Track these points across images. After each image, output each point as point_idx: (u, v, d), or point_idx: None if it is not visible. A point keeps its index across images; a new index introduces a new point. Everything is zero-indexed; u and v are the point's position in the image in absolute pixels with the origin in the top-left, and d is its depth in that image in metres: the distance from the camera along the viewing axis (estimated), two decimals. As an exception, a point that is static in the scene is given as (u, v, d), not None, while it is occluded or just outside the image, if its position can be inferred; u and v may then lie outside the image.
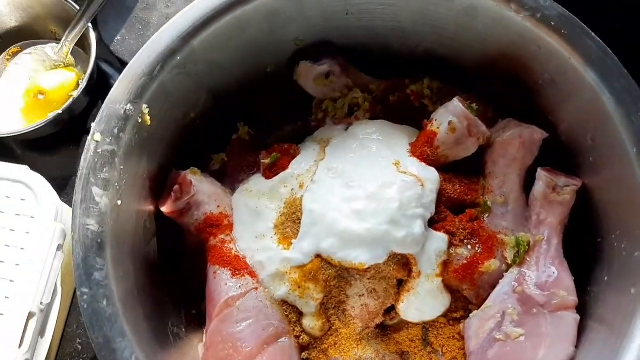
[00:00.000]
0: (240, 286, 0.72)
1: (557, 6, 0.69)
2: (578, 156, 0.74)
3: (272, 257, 0.73)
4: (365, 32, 0.82)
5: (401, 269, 0.73)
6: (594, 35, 0.67)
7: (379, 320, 0.75)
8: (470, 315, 0.73)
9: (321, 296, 0.72)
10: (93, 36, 0.96)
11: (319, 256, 0.71)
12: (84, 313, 0.61)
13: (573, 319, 0.69)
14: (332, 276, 0.72)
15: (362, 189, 0.72)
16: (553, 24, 0.68)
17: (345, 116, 0.84)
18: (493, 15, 0.72)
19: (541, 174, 0.74)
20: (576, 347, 0.67)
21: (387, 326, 0.77)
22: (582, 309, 0.70)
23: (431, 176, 0.75)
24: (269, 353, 0.69)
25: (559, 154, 0.77)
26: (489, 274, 0.73)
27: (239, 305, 0.71)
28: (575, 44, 0.67)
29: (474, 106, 0.76)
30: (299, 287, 0.71)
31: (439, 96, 0.83)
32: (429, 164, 0.76)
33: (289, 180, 0.77)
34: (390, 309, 0.75)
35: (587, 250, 0.73)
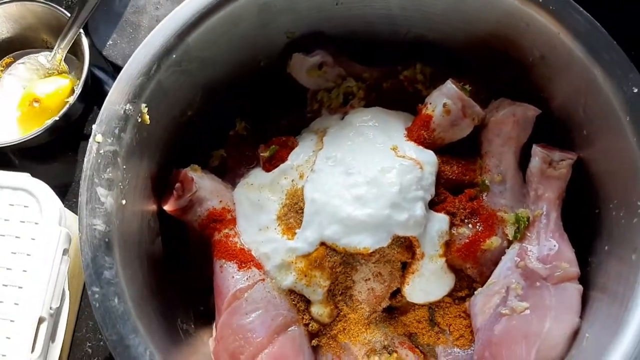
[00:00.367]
0: (247, 278, 0.73)
1: (543, -17, 0.70)
2: (572, 130, 0.75)
3: (277, 248, 0.74)
4: (355, 21, 0.83)
5: (405, 252, 0.74)
6: (582, 9, 0.68)
7: (385, 303, 0.76)
8: (475, 292, 0.74)
9: (328, 283, 0.73)
10: (85, 42, 0.96)
11: (323, 244, 0.72)
12: (96, 312, 0.61)
13: (576, 289, 0.70)
14: (338, 262, 0.72)
15: (362, 175, 0.73)
16: (540, 0, 0.69)
17: (340, 105, 0.85)
18: (480, -4, 0.73)
19: (536, 149, 0.75)
20: (581, 317, 0.69)
21: (394, 309, 0.78)
22: (584, 280, 0.71)
23: (429, 159, 0.76)
24: (279, 342, 0.70)
25: (553, 130, 0.78)
26: (491, 251, 0.74)
27: (247, 297, 0.71)
28: (563, 19, 0.68)
29: (467, 87, 0.77)
30: (305, 275, 0.72)
31: (432, 80, 0.84)
32: (426, 147, 0.77)
33: (288, 171, 0.78)
34: (396, 292, 0.76)
35: (586, 222, 0.74)
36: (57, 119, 0.91)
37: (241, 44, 0.80)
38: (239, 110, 0.88)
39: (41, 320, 0.75)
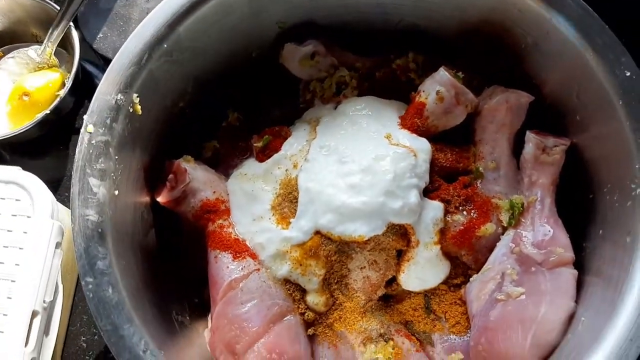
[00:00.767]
0: (242, 268, 0.72)
1: (534, -31, 0.70)
2: (565, 116, 0.75)
3: (272, 237, 0.74)
4: (347, 10, 0.83)
5: (400, 239, 0.73)
6: (573, -7, 0.69)
7: (381, 292, 0.75)
8: (471, 279, 0.74)
9: (323, 272, 0.72)
10: (75, 35, 0.95)
11: (318, 233, 0.72)
12: (90, 302, 0.61)
13: (571, 274, 0.70)
14: (333, 251, 0.72)
15: (356, 164, 0.73)
16: (532, -14, 0.69)
17: (333, 95, 0.85)
18: (472, -17, 0.73)
19: (530, 136, 0.75)
20: (576, 302, 0.69)
21: (390, 297, 0.78)
22: (579, 265, 0.71)
23: (423, 146, 0.75)
24: (275, 331, 0.70)
25: (546, 116, 0.78)
26: (485, 238, 0.74)
27: (242, 286, 0.71)
28: (555, 4, 0.68)
29: (460, 75, 0.77)
30: (300, 264, 0.72)
31: (425, 69, 0.84)
32: (419, 134, 0.77)
33: (282, 161, 0.78)
34: (392, 280, 0.76)
35: (581, 207, 0.74)
36: (47, 112, 0.90)
37: (232, 34, 0.79)
38: (231, 100, 0.87)
39: (34, 314, 0.74)
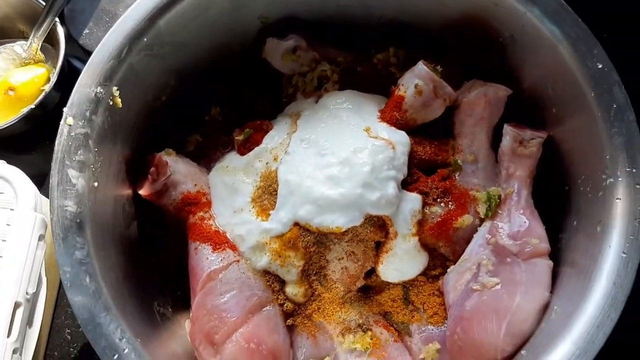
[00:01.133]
0: (221, 259, 0.73)
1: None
2: (542, 109, 0.76)
3: (252, 229, 0.74)
4: (329, 5, 0.84)
5: (378, 231, 0.74)
6: (547, -12, 0.69)
7: (360, 283, 0.76)
8: (448, 270, 0.75)
9: (302, 263, 0.73)
10: (61, 31, 0.96)
11: (297, 224, 0.73)
12: (67, 291, 0.62)
13: (546, 265, 0.71)
14: (311, 242, 0.73)
15: (335, 156, 0.73)
16: (506, -21, 0.70)
17: (314, 89, 0.85)
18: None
19: (507, 129, 0.76)
20: (551, 292, 0.69)
21: (369, 289, 0.78)
22: (555, 256, 0.72)
23: (401, 139, 0.76)
24: (254, 322, 0.71)
25: (525, 110, 0.79)
26: (463, 229, 0.75)
27: (221, 277, 0.72)
28: (530, -2, 0.69)
29: (439, 68, 0.78)
30: (279, 256, 0.73)
31: (405, 63, 0.84)
32: (398, 127, 0.77)
33: (263, 154, 0.78)
34: (371, 272, 0.77)
35: (558, 200, 0.75)
36: (32, 107, 0.91)
37: (214, 28, 0.80)
38: (214, 95, 0.88)
39: (17, 305, 0.75)
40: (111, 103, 0.70)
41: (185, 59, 0.80)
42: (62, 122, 0.67)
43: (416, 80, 0.76)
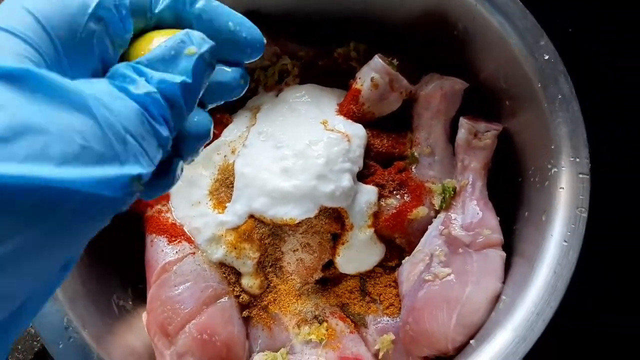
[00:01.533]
0: (177, 252, 0.74)
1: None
2: (497, 102, 0.77)
3: (208, 222, 0.75)
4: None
5: (333, 223, 0.75)
6: (496, -21, 0.70)
7: (317, 275, 0.77)
8: (403, 261, 0.76)
9: (257, 255, 0.74)
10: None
11: (252, 217, 0.73)
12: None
13: (499, 255, 0.71)
14: (266, 234, 0.73)
15: (290, 148, 0.74)
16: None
17: (275, 83, 0.86)
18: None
19: (462, 121, 0.76)
20: (503, 283, 0.70)
21: (328, 281, 0.79)
22: (509, 248, 0.72)
23: (358, 132, 0.77)
24: (208, 313, 0.71)
25: (482, 103, 0.79)
26: (418, 221, 0.75)
27: (175, 269, 0.72)
28: (479, -11, 0.70)
29: (395, 62, 0.79)
30: (235, 248, 0.73)
31: (366, 57, 0.85)
32: (356, 120, 0.78)
33: (221, 147, 0.79)
34: (330, 264, 0.78)
35: (512, 192, 0.75)
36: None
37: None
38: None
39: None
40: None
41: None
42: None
43: (372, 74, 0.77)
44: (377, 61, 0.77)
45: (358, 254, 0.76)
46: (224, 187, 0.76)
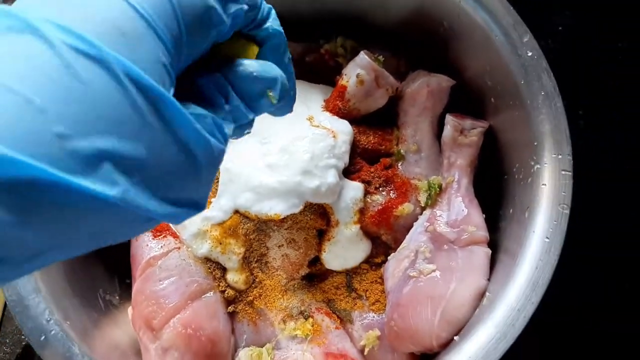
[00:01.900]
0: (162, 246, 0.74)
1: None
2: (483, 99, 0.77)
3: (193, 217, 0.75)
4: (276, -4, 0.84)
5: (319, 219, 0.75)
6: (481, -24, 0.70)
7: (304, 271, 0.77)
8: (388, 257, 0.76)
9: (242, 250, 0.74)
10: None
11: (237, 212, 0.73)
12: (-2, 275, 0.62)
13: (484, 252, 0.71)
14: (251, 230, 0.74)
15: (275, 144, 0.74)
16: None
17: (263, 80, 0.86)
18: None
19: (449, 118, 0.77)
20: (489, 279, 0.70)
21: (315, 277, 0.79)
22: (495, 245, 0.72)
23: (343, 128, 0.77)
24: (193, 308, 0.71)
25: (468, 101, 0.80)
26: (403, 218, 0.76)
27: (160, 264, 0.72)
28: (462, -14, 0.70)
29: (381, 58, 0.79)
30: (220, 243, 0.73)
31: (353, 54, 0.85)
32: (341, 117, 0.78)
33: (208, 143, 0.79)
34: (317, 260, 0.78)
35: (498, 189, 0.76)
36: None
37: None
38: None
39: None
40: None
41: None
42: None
43: (358, 70, 0.77)
44: (363, 57, 0.77)
45: (344, 250, 0.76)
46: (210, 182, 0.76)
